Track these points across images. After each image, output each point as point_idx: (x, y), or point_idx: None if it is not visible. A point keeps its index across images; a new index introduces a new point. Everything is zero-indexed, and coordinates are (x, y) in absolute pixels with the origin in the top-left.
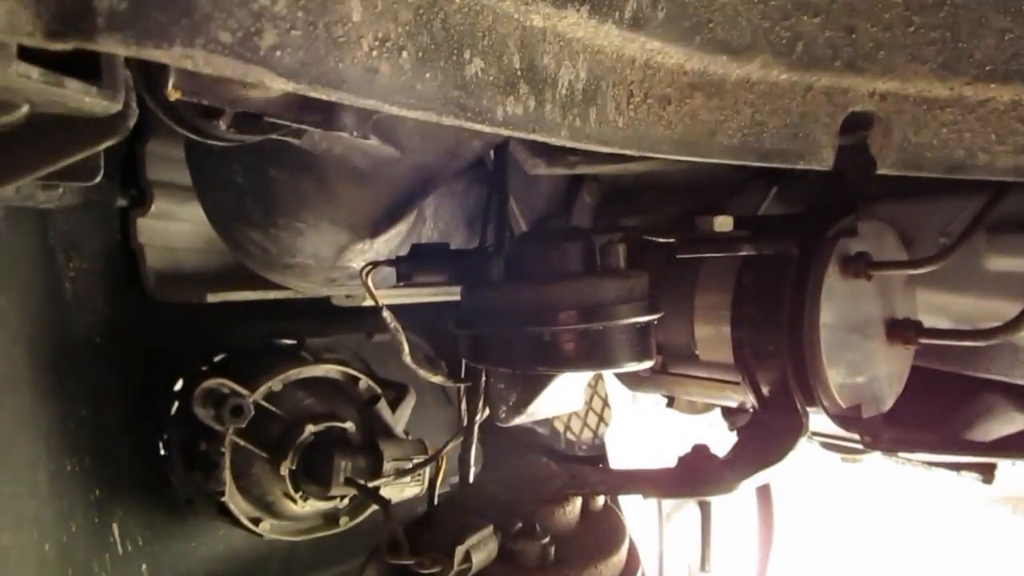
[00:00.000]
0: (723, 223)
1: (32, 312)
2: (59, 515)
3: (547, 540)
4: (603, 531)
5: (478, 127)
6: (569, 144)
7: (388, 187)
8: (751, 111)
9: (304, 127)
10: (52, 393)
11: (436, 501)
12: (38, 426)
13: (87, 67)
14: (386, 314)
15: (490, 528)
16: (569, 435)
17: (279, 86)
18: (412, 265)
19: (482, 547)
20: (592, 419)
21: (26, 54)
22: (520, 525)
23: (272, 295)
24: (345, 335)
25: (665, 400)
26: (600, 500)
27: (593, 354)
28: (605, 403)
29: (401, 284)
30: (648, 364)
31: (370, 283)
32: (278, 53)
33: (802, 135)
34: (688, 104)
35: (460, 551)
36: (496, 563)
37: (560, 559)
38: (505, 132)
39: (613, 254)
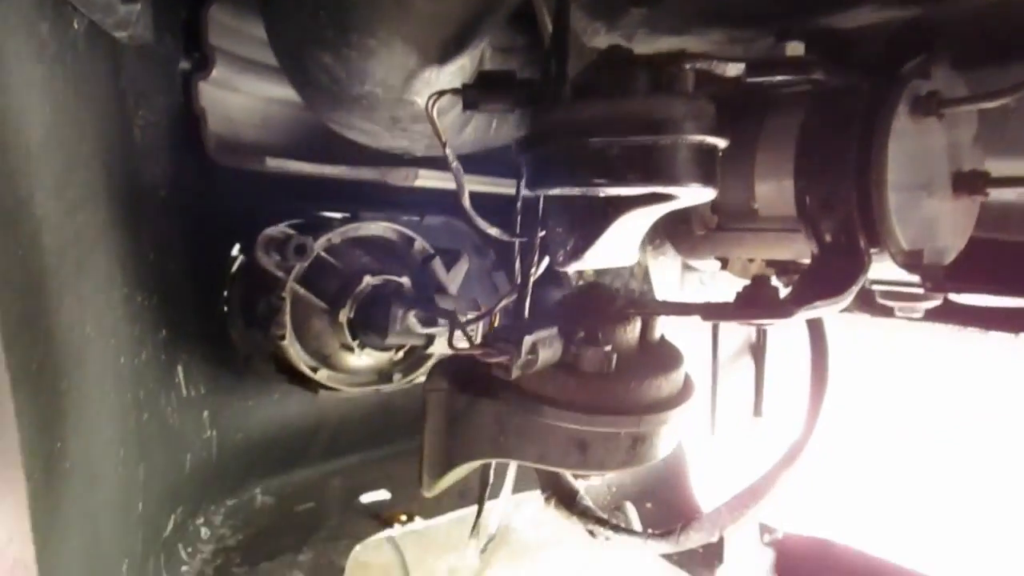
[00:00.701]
0: (795, 48)
1: (109, 140)
2: (132, 337)
3: (608, 349)
4: (662, 354)
5: None
6: None
7: (457, 3)
8: None
9: None
10: (125, 224)
11: None
12: (112, 248)
13: None
14: (448, 151)
15: (555, 329)
16: None
17: None
18: (479, 91)
19: (548, 344)
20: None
21: None
22: (583, 334)
23: (327, 170)
24: (397, 215)
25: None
26: (658, 331)
27: (658, 169)
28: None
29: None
30: (712, 192)
31: (435, 113)
32: None
33: None
34: None
35: (528, 341)
36: (559, 367)
37: (621, 369)
38: None
39: (681, 77)
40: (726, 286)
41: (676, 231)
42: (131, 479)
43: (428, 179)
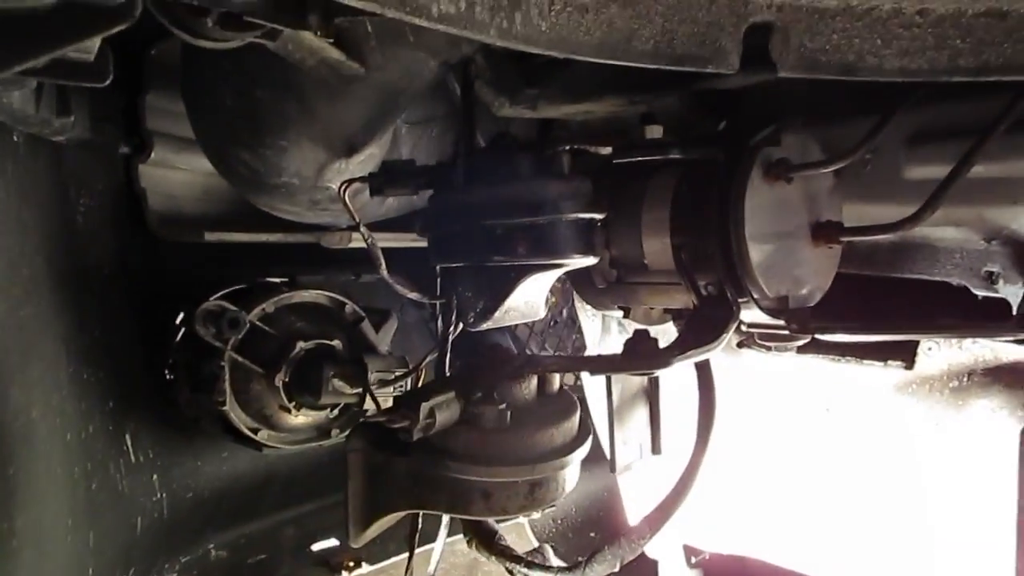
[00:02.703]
0: (653, 130)
1: (50, 234)
2: (79, 412)
3: (504, 406)
4: (557, 405)
5: (416, 21)
6: (498, 43)
7: (359, 105)
8: (662, 20)
9: (276, 26)
10: (70, 306)
11: None
12: (58, 331)
13: None
14: (363, 229)
15: (452, 393)
16: None
17: None
18: (384, 179)
19: (445, 407)
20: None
21: None
22: (480, 393)
23: (264, 237)
24: (333, 276)
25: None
26: (556, 383)
27: (541, 246)
28: (576, 341)
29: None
30: (592, 260)
31: (347, 199)
32: None
33: (709, 42)
34: (604, 13)
35: (425, 407)
36: (462, 424)
37: (516, 423)
38: (440, 28)
39: (558, 161)
40: None
41: (582, 285)
42: (81, 546)
43: (362, 240)
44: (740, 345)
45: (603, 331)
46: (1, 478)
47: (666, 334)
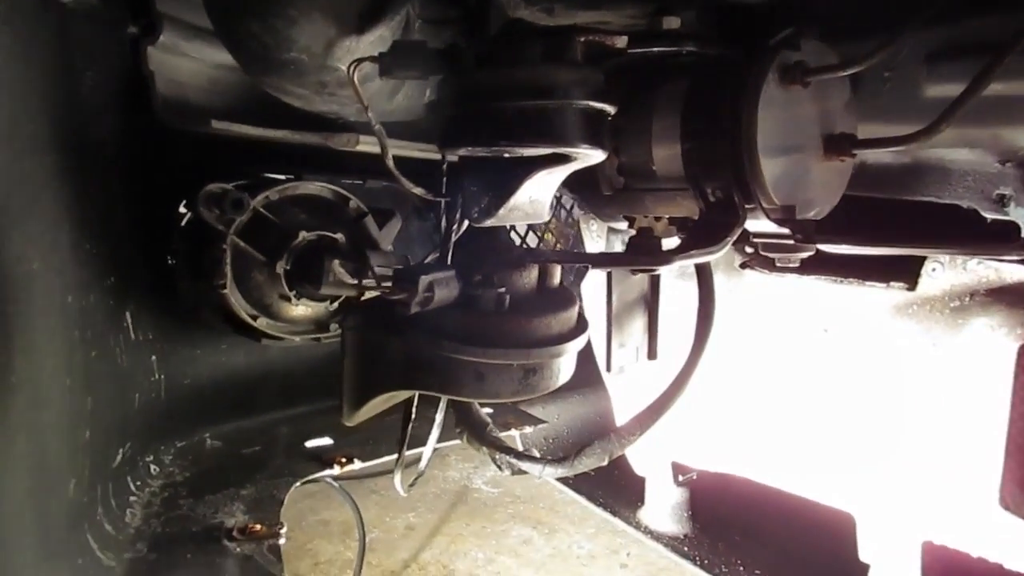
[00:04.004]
0: (670, 21)
1: (55, 97)
2: (79, 280)
3: (503, 290)
4: (556, 297)
5: None
6: None
7: None
8: None
9: None
10: (71, 174)
11: None
12: (60, 195)
13: None
14: (370, 114)
15: (452, 271)
16: None
17: None
18: (394, 58)
19: (444, 285)
20: None
21: None
22: (479, 276)
23: (270, 133)
24: (339, 179)
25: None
26: (556, 277)
27: (550, 131)
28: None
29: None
30: (600, 154)
31: (355, 79)
32: None
33: None
34: None
35: (424, 280)
36: (459, 306)
37: (515, 309)
38: None
39: (571, 47)
40: None
41: (588, 192)
42: (78, 408)
43: (369, 144)
44: (742, 266)
45: (607, 244)
46: (1, 315)
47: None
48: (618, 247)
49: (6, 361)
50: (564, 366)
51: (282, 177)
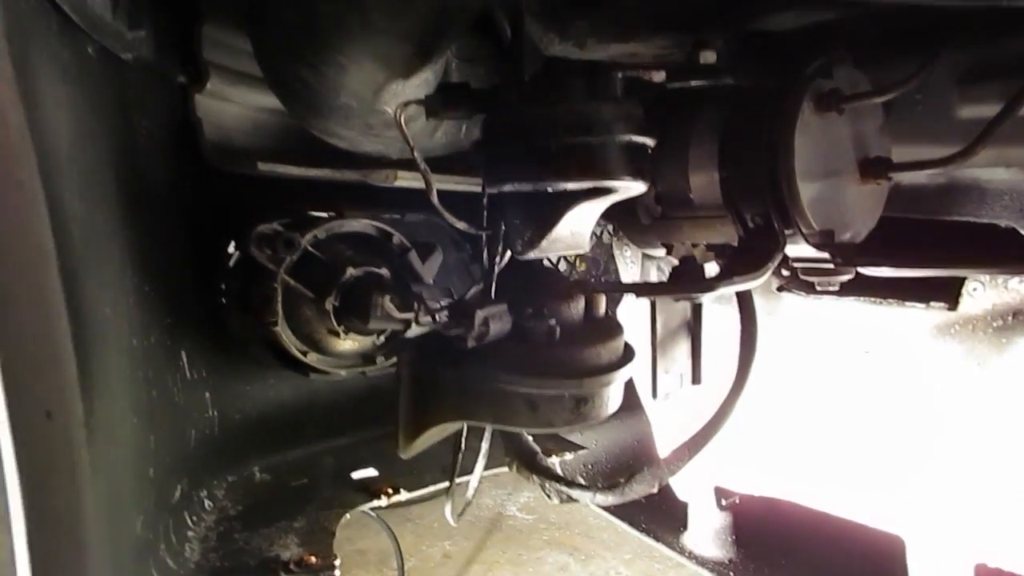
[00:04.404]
0: (707, 55)
1: (117, 148)
2: (141, 322)
3: (553, 322)
4: (603, 326)
5: None
6: None
7: (417, 22)
8: None
9: None
10: (133, 221)
11: None
12: (125, 240)
13: None
14: (416, 154)
15: (504, 305)
16: None
17: None
18: (440, 101)
19: (498, 318)
20: None
21: None
22: (531, 309)
23: (313, 172)
24: (379, 214)
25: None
26: (602, 307)
27: (593, 165)
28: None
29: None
30: (642, 186)
31: (403, 122)
32: None
33: None
34: None
35: (480, 315)
36: (512, 339)
37: (565, 339)
38: None
39: (612, 83)
40: None
41: (626, 221)
42: (143, 446)
43: (407, 180)
44: (780, 289)
45: (641, 271)
46: (83, 369)
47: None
48: (653, 272)
49: (88, 406)
50: (614, 394)
51: (325, 215)
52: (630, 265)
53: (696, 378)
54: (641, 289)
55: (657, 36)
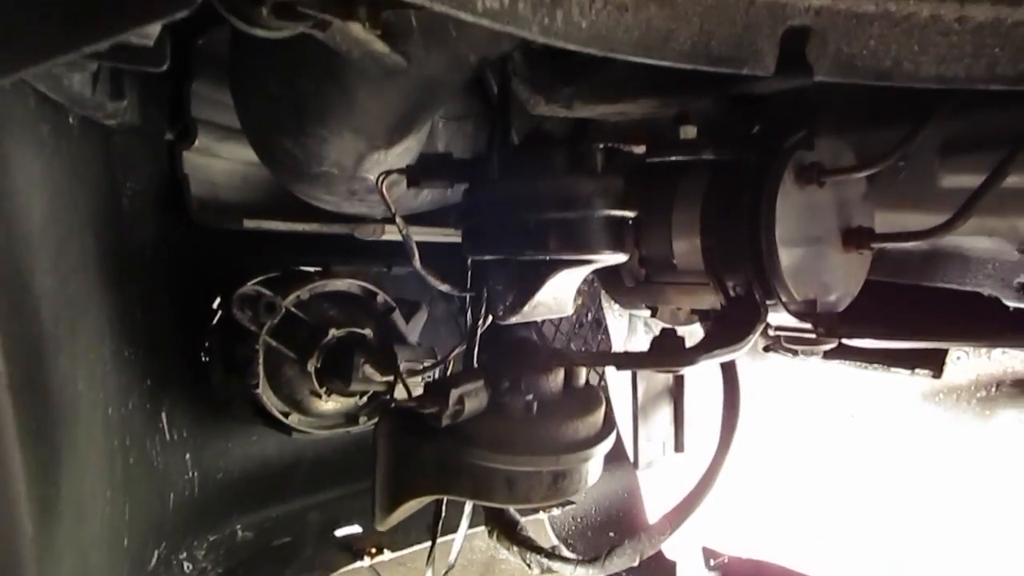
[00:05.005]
0: (687, 130)
1: (99, 212)
2: (119, 388)
3: (531, 397)
4: (582, 399)
5: (462, 15)
6: (540, 39)
7: (399, 98)
8: (700, 21)
9: (327, 17)
10: (114, 285)
11: None
12: (102, 308)
13: None
14: (398, 220)
15: (481, 381)
16: None
17: None
18: (421, 171)
19: (474, 395)
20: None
21: None
22: (507, 384)
23: (300, 227)
24: (366, 267)
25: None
26: (582, 377)
27: (572, 241)
28: (603, 338)
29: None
30: (622, 257)
31: (384, 190)
32: None
33: (746, 44)
34: (644, 12)
35: (455, 394)
36: (484, 414)
37: (542, 414)
38: (484, 23)
39: (591, 157)
40: None
41: (610, 283)
42: (117, 517)
43: (395, 234)
44: (766, 349)
45: (629, 331)
46: (49, 445)
47: (692, 335)
48: (640, 327)
49: (55, 492)
50: (593, 468)
51: (312, 270)
52: (618, 317)
53: (679, 446)
54: (621, 361)
55: (643, 98)
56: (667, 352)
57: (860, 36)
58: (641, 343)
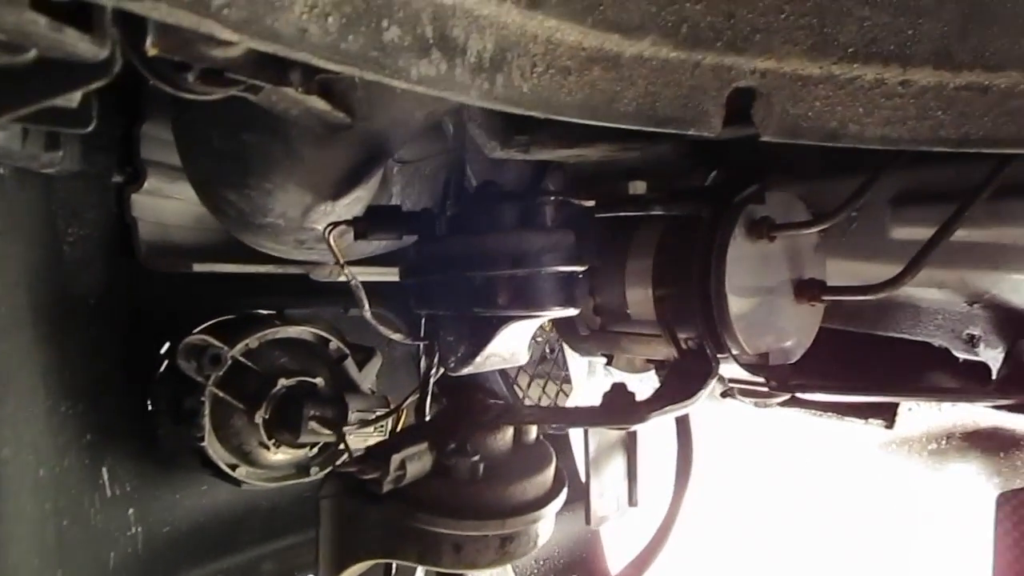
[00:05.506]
0: (637, 186)
1: (35, 266)
2: (53, 448)
3: (477, 458)
4: (532, 457)
5: (395, 83)
6: (479, 103)
7: (345, 152)
8: (645, 83)
9: (257, 83)
10: (50, 340)
11: None
12: (36, 365)
13: (83, 20)
14: (347, 271)
15: (425, 444)
16: (528, 403)
17: (227, 36)
18: (368, 224)
19: (417, 459)
20: (552, 389)
21: (35, 4)
22: (453, 445)
23: (252, 269)
24: (322, 308)
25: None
26: (532, 434)
27: (521, 297)
28: (565, 375)
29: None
30: (572, 312)
31: (332, 241)
32: (225, 11)
33: (692, 105)
34: (588, 75)
35: (396, 459)
36: (431, 477)
37: (489, 476)
38: (420, 89)
39: (541, 212)
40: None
41: (566, 331)
42: None
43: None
44: (724, 395)
45: (589, 371)
46: None
47: (649, 381)
48: (599, 369)
49: None
50: (543, 528)
51: (265, 313)
52: (579, 357)
53: (632, 500)
54: (571, 418)
55: (600, 143)
56: (618, 409)
57: (806, 98)
58: (601, 382)
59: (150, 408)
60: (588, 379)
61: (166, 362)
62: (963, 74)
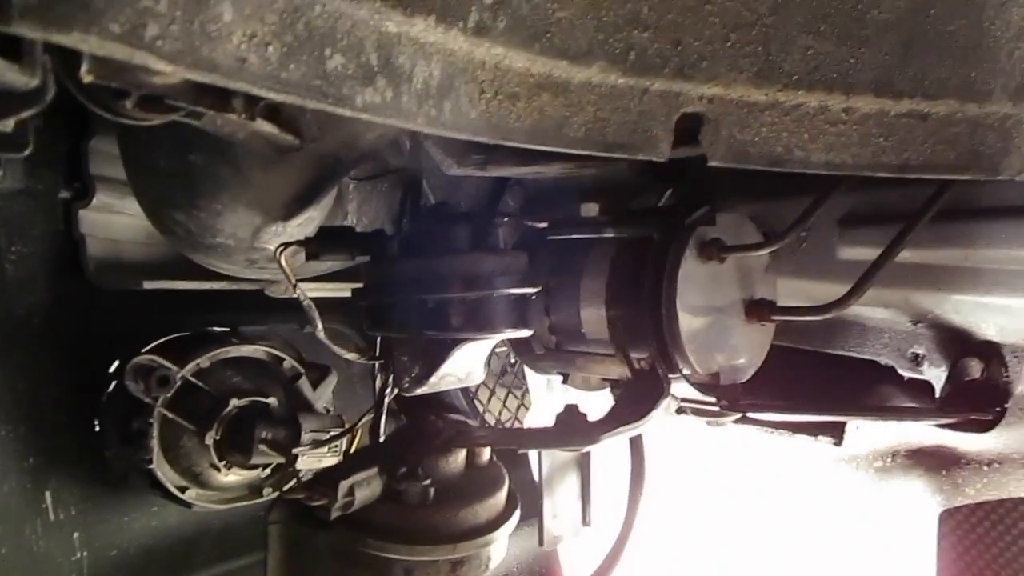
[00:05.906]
0: (589, 209)
1: None
2: None
3: (428, 482)
4: (484, 479)
5: (340, 111)
6: (426, 130)
7: (295, 173)
8: (594, 109)
9: (199, 109)
10: None
11: None
12: None
13: (11, 50)
14: (298, 291)
15: (375, 469)
16: (489, 416)
17: (161, 68)
18: (320, 245)
19: (366, 484)
20: (512, 403)
21: None
22: (404, 469)
23: (206, 285)
24: (278, 325)
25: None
26: (485, 455)
27: (474, 319)
28: (526, 388)
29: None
30: (525, 333)
31: (283, 261)
32: (159, 42)
33: (641, 130)
34: (536, 101)
35: (344, 485)
36: (381, 501)
37: (440, 500)
38: (364, 117)
39: (493, 234)
40: None
41: (522, 349)
42: None
43: (307, 290)
44: (679, 411)
45: (548, 386)
46: None
47: (605, 398)
48: (557, 384)
49: None
50: (495, 552)
51: (219, 330)
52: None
53: (586, 520)
54: (523, 440)
55: (557, 162)
56: (570, 431)
57: (752, 124)
58: (560, 399)
59: (97, 429)
60: (547, 394)
61: (114, 382)
62: (903, 102)
